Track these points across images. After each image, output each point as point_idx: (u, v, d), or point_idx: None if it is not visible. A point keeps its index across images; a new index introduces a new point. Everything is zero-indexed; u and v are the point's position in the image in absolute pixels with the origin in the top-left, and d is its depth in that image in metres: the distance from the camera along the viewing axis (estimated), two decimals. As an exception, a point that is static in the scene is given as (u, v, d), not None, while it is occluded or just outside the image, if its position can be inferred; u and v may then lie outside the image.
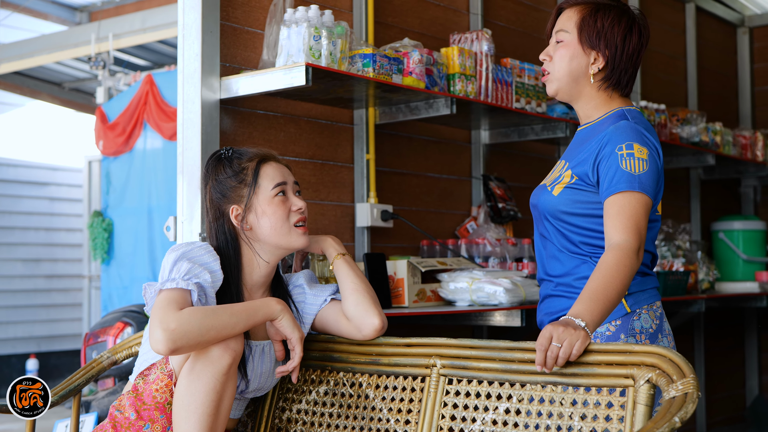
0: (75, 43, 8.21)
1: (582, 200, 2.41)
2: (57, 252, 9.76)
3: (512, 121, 3.98)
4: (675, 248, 4.82)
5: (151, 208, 6.87)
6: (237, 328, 2.23)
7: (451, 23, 4.12)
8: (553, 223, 2.46)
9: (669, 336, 2.44)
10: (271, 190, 2.43)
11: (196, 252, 2.36)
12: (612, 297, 2.15)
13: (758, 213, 6.32)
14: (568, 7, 2.52)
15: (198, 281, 2.29)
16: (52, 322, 9.72)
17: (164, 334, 2.13)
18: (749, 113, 6.39)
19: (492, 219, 4.06)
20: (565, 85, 2.50)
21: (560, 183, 2.46)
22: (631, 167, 2.30)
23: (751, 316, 6.26)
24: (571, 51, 2.48)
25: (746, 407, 6.25)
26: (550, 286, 2.49)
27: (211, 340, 2.19)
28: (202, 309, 2.22)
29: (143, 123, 6.91)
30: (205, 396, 2.18)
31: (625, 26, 2.48)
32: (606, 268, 2.18)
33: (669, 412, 1.75)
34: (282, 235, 2.43)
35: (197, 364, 2.20)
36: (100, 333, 4.34)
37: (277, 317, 2.34)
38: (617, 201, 2.29)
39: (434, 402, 2.27)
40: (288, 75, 2.95)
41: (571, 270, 2.44)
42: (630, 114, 2.45)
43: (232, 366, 2.22)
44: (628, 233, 2.24)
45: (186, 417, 2.19)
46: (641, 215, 2.28)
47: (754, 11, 6.58)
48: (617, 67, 2.47)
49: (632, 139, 2.35)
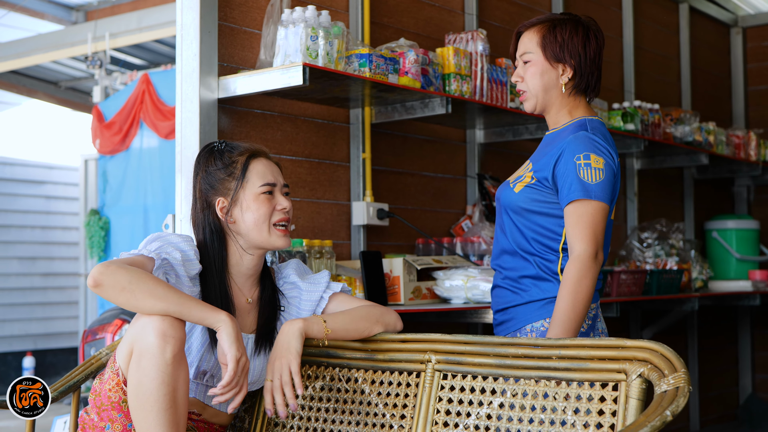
0: (72, 42, 8.23)
1: (539, 199, 2.59)
2: (53, 250, 9.78)
3: (507, 120, 4.02)
4: (669, 247, 4.86)
5: (147, 207, 6.89)
6: (156, 307, 2.14)
7: (446, 23, 4.15)
8: (512, 218, 2.64)
9: (602, 335, 2.62)
10: (259, 187, 2.44)
11: (172, 238, 2.40)
12: (580, 310, 2.46)
13: (751, 212, 6.37)
14: (526, 29, 2.71)
15: (166, 257, 2.32)
16: (49, 320, 9.73)
17: (98, 269, 2.15)
18: (742, 113, 6.44)
19: (487, 217, 4.10)
20: (541, 100, 2.69)
21: (521, 182, 2.64)
22: (588, 176, 2.50)
23: (744, 314, 6.31)
24: (540, 68, 2.66)
25: (739, 405, 6.29)
26: (499, 277, 2.71)
27: (130, 300, 2.14)
28: (144, 273, 2.19)
29: (140, 122, 6.93)
30: (157, 391, 2.13)
31: (582, 34, 2.66)
32: (571, 284, 2.46)
33: (660, 405, 1.78)
34: (262, 233, 2.44)
35: (142, 360, 2.14)
36: (98, 330, 4.36)
37: (218, 327, 2.21)
38: (575, 210, 2.51)
39: (429, 397, 2.30)
40: (285, 75, 2.99)
41: (517, 267, 2.64)
42: (591, 124, 2.62)
43: (177, 354, 2.15)
44: (587, 242, 2.48)
45: (144, 416, 2.15)
46: (598, 222, 2.50)
47: (748, 11, 6.62)
48: (584, 72, 2.66)
49: (589, 149, 2.53)
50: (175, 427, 2.16)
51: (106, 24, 8.09)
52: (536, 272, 2.59)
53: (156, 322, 2.14)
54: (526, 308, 2.59)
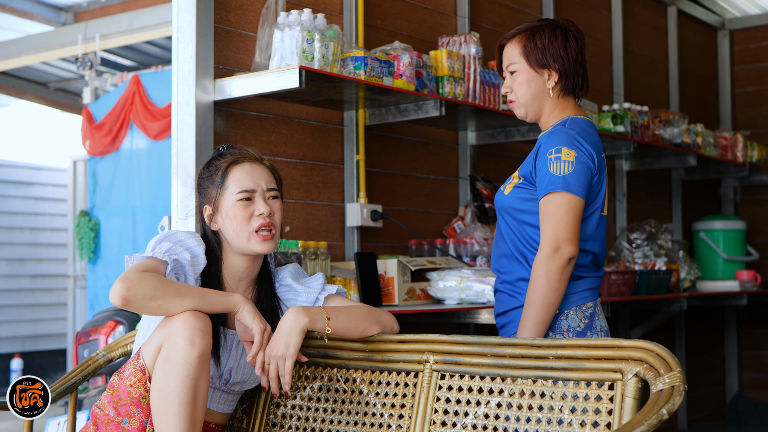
0: (62, 43, 8.23)
1: (527, 198, 2.65)
2: (41, 252, 9.76)
3: (498, 122, 4.05)
4: (657, 248, 4.91)
5: (137, 208, 6.89)
6: (184, 304, 2.26)
7: (439, 26, 4.18)
8: (507, 220, 2.70)
9: (601, 333, 2.64)
10: (236, 195, 2.46)
11: (181, 236, 2.46)
12: (536, 309, 2.51)
13: (738, 213, 6.43)
14: (507, 41, 2.78)
15: (177, 258, 2.38)
16: (37, 321, 9.71)
17: (121, 285, 2.22)
18: (729, 115, 6.50)
19: (479, 219, 4.13)
20: (530, 107, 2.74)
21: (510, 183, 2.72)
22: (557, 169, 2.54)
23: (730, 314, 6.36)
24: (526, 77, 2.71)
25: (726, 404, 6.35)
26: (497, 281, 2.76)
27: (161, 306, 2.24)
28: (163, 277, 2.30)
29: (129, 123, 6.93)
30: (182, 384, 2.22)
31: (561, 37, 2.70)
32: (530, 283, 2.53)
33: (657, 404, 1.81)
34: (242, 239, 2.46)
35: (171, 354, 2.24)
36: (91, 332, 4.37)
37: (237, 309, 2.34)
38: (543, 205, 2.56)
39: (427, 396, 2.33)
40: (282, 77, 3.01)
41: (513, 271, 2.68)
42: (573, 121, 2.67)
43: (205, 352, 2.26)
44: (545, 237, 2.53)
45: (165, 408, 2.23)
46: (561, 214, 2.53)
47: (734, 14, 6.68)
48: (569, 73, 2.71)
49: (561, 143, 2.57)
50: (192, 423, 2.24)
51: (96, 25, 8.09)
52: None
53: (187, 320, 2.25)
54: None
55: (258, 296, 2.56)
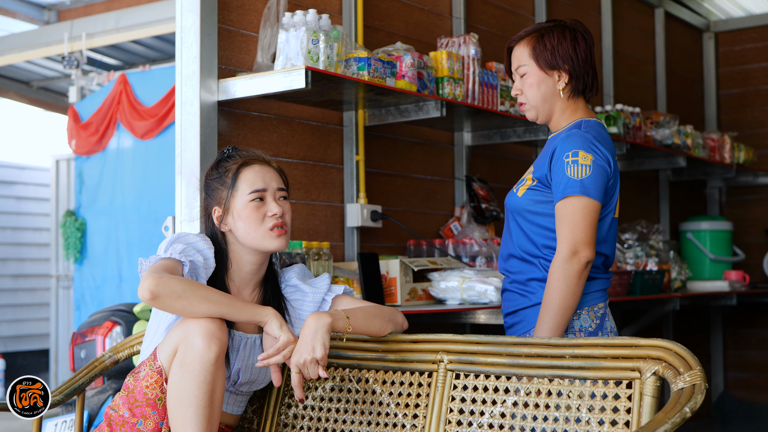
0: (47, 42, 8.16)
1: (541, 200, 2.65)
2: (24, 251, 9.68)
3: (495, 123, 4.07)
4: (648, 248, 4.95)
5: (123, 207, 6.85)
6: (211, 310, 2.27)
7: (435, 27, 4.19)
8: (518, 222, 2.69)
9: (611, 334, 2.66)
10: (248, 195, 2.47)
11: (192, 238, 2.46)
12: (553, 311, 2.51)
13: (723, 213, 6.49)
14: (515, 44, 2.78)
15: (192, 259, 2.39)
16: (19, 321, 9.63)
17: (151, 280, 2.23)
18: (714, 116, 6.57)
19: (475, 219, 4.15)
20: (541, 108, 2.75)
21: (524, 185, 2.71)
22: (574, 173, 2.55)
23: (716, 314, 6.42)
24: (536, 78, 2.72)
25: (712, 403, 6.41)
26: (506, 281, 2.76)
27: (186, 307, 2.25)
28: (191, 279, 2.32)
29: (116, 122, 6.88)
30: (198, 388, 2.24)
31: (570, 38, 2.72)
32: (547, 285, 2.54)
33: (679, 402, 1.83)
34: (256, 239, 2.47)
35: (186, 357, 2.25)
36: (87, 332, 4.34)
37: (265, 320, 2.35)
38: (560, 209, 2.57)
39: (442, 396, 2.34)
40: (287, 78, 3.01)
41: (524, 271, 2.68)
42: (587, 124, 2.68)
43: (220, 356, 2.28)
44: (562, 241, 2.54)
45: (182, 411, 2.24)
46: (579, 218, 2.54)
47: (719, 17, 6.74)
48: (579, 74, 2.72)
49: (578, 146, 2.58)
50: (209, 426, 2.25)
51: (82, 24, 8.02)
52: (543, 275, 2.62)
53: (203, 323, 2.26)
54: (535, 310, 2.63)
55: (264, 297, 2.56)
